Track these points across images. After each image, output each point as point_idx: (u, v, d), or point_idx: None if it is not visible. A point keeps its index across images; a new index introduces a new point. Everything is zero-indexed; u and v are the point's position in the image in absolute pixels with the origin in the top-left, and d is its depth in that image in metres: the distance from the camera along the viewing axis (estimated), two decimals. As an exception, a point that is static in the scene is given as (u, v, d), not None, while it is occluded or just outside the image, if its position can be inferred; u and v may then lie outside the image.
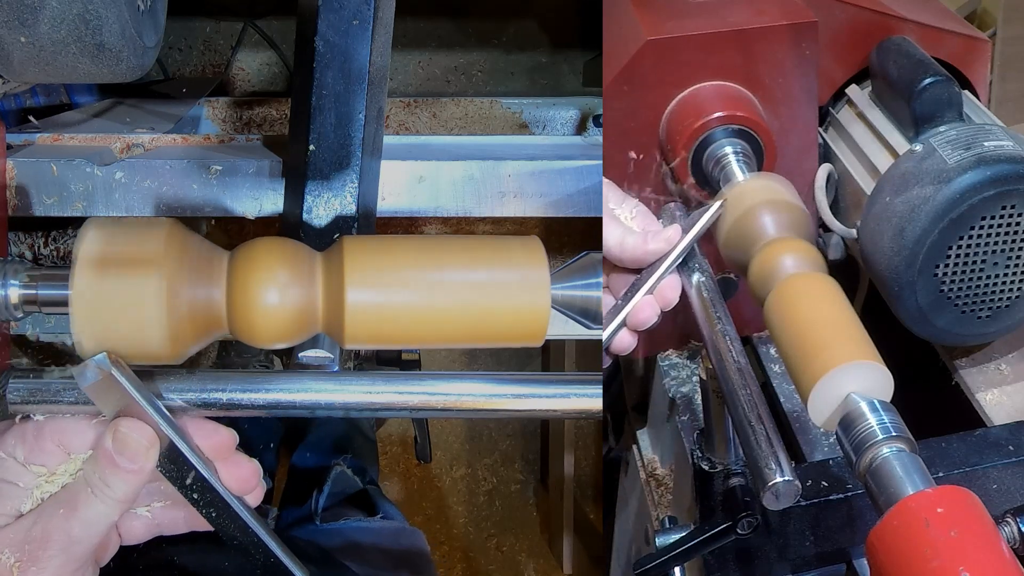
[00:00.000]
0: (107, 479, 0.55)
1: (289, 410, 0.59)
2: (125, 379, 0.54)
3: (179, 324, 0.54)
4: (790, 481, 0.57)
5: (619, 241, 0.68)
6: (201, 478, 0.57)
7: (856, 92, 0.94)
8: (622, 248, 0.68)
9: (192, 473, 0.57)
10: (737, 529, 0.72)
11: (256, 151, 0.85)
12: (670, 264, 0.69)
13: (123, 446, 0.55)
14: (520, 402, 0.60)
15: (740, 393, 0.63)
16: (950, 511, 0.51)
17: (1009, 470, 0.76)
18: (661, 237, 0.69)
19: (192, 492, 0.58)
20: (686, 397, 0.98)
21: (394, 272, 0.57)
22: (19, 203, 0.77)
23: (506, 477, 1.91)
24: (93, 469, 0.56)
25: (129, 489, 0.56)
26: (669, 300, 0.68)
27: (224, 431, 0.59)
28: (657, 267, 0.69)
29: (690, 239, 0.70)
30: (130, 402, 0.55)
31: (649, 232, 0.69)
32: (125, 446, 0.55)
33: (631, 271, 0.70)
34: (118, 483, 0.56)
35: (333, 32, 0.71)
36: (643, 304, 0.68)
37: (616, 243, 0.68)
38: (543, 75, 1.59)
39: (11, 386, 0.56)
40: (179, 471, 0.57)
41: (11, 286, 0.56)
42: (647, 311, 0.68)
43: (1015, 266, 0.80)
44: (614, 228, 0.69)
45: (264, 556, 0.60)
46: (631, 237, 0.68)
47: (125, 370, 0.55)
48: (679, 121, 0.86)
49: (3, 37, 0.66)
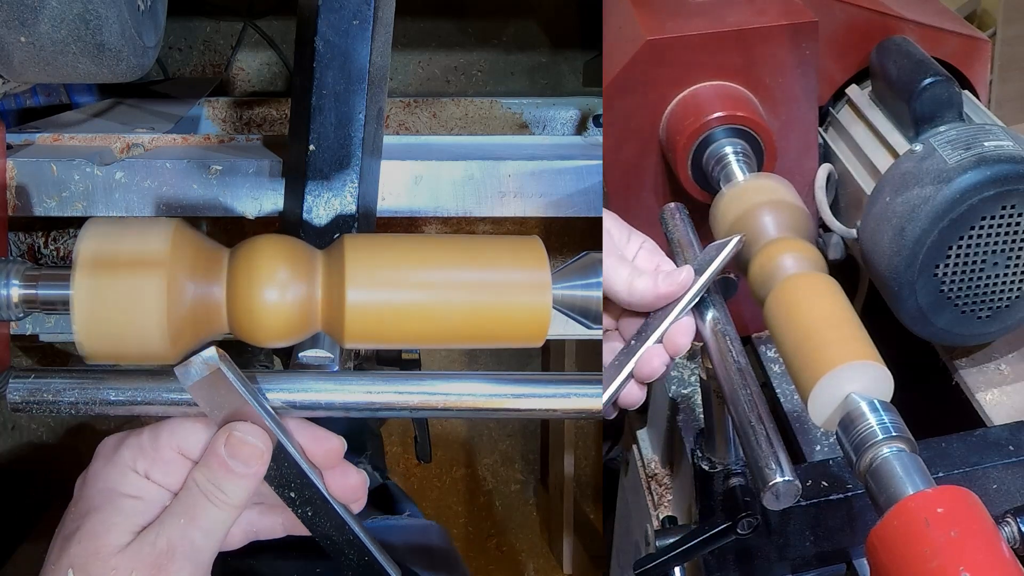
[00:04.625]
0: (222, 485, 0.55)
1: (289, 410, 0.59)
2: (232, 374, 0.54)
3: (179, 322, 0.54)
4: (790, 481, 0.57)
5: (627, 284, 0.62)
6: (308, 484, 0.57)
7: (856, 92, 0.94)
8: (631, 292, 0.62)
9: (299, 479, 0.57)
10: (737, 529, 0.72)
11: (256, 151, 0.85)
12: (682, 310, 0.63)
13: (236, 450, 0.54)
14: (520, 402, 0.60)
15: (740, 393, 0.62)
16: (950, 511, 0.51)
17: (1009, 470, 0.76)
18: (674, 280, 0.62)
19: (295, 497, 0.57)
20: (686, 397, 0.98)
21: (395, 271, 0.57)
22: (19, 203, 0.77)
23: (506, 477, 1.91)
24: (206, 476, 0.55)
25: (244, 494, 0.55)
26: (681, 347, 0.63)
27: (335, 438, 0.59)
28: (668, 312, 0.63)
29: (705, 280, 0.64)
30: (239, 403, 0.54)
31: (660, 274, 0.63)
32: (238, 450, 0.54)
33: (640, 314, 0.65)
34: (233, 488, 0.55)
35: (333, 32, 0.71)
36: (651, 353, 0.62)
37: (624, 286, 0.62)
38: (543, 75, 1.59)
39: (11, 386, 0.56)
40: (283, 475, 0.57)
41: (11, 286, 0.56)
42: (655, 362, 0.62)
43: (1015, 266, 0.80)
44: (621, 269, 0.63)
45: (361, 559, 0.60)
46: (640, 280, 0.62)
47: (233, 366, 0.54)
48: (679, 121, 0.86)
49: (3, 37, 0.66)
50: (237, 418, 0.55)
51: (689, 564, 0.79)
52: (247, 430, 0.55)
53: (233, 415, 0.55)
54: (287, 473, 0.57)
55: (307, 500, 0.58)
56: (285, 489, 0.57)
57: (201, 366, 0.53)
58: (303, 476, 0.57)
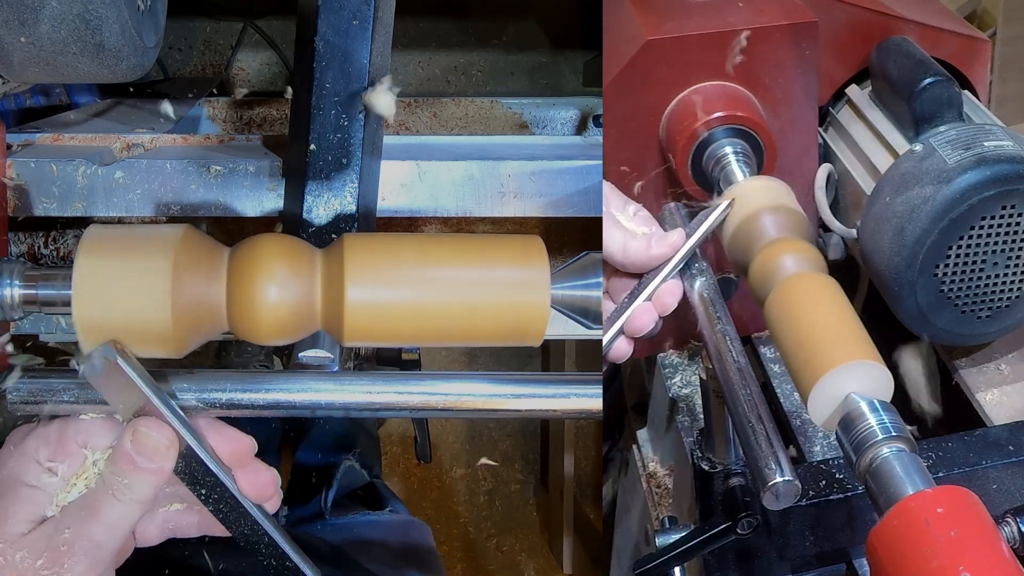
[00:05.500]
0: (127, 480, 0.55)
1: (289, 410, 0.59)
2: (132, 370, 0.54)
3: (180, 322, 0.54)
4: (790, 481, 0.57)
5: (621, 245, 0.67)
6: (218, 483, 0.57)
7: (856, 92, 0.94)
8: (625, 253, 0.67)
9: (209, 477, 0.57)
10: (737, 529, 0.72)
11: (256, 151, 0.85)
12: (672, 269, 0.68)
13: (142, 446, 0.55)
14: (520, 402, 0.60)
15: (740, 393, 0.63)
16: (950, 511, 0.51)
17: (1009, 470, 0.76)
18: (665, 242, 0.68)
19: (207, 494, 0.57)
20: (686, 397, 0.98)
21: (394, 270, 0.57)
22: (19, 203, 0.77)
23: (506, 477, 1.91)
24: (112, 471, 0.55)
25: (149, 490, 0.56)
26: (668, 306, 0.68)
27: (245, 438, 0.59)
28: (658, 272, 0.68)
29: (693, 243, 0.69)
30: (144, 400, 0.55)
31: (653, 236, 0.68)
32: (144, 446, 0.55)
33: (631, 275, 0.69)
34: (138, 484, 0.55)
35: (333, 32, 0.71)
36: (641, 311, 0.67)
37: (619, 248, 0.67)
38: (543, 75, 1.59)
39: (11, 386, 0.56)
40: (193, 473, 0.57)
41: (11, 286, 0.56)
42: (644, 318, 0.67)
43: (1015, 266, 0.80)
44: (616, 232, 0.68)
45: (277, 559, 0.60)
46: (634, 241, 0.67)
47: (132, 361, 0.54)
48: (679, 121, 0.86)
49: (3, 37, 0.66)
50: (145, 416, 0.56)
51: (689, 564, 0.79)
52: (152, 426, 0.55)
53: (139, 413, 0.55)
54: (196, 471, 0.57)
55: (219, 498, 0.58)
56: (197, 486, 0.57)
57: (100, 359, 0.53)
58: (211, 474, 0.57)
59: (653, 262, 0.68)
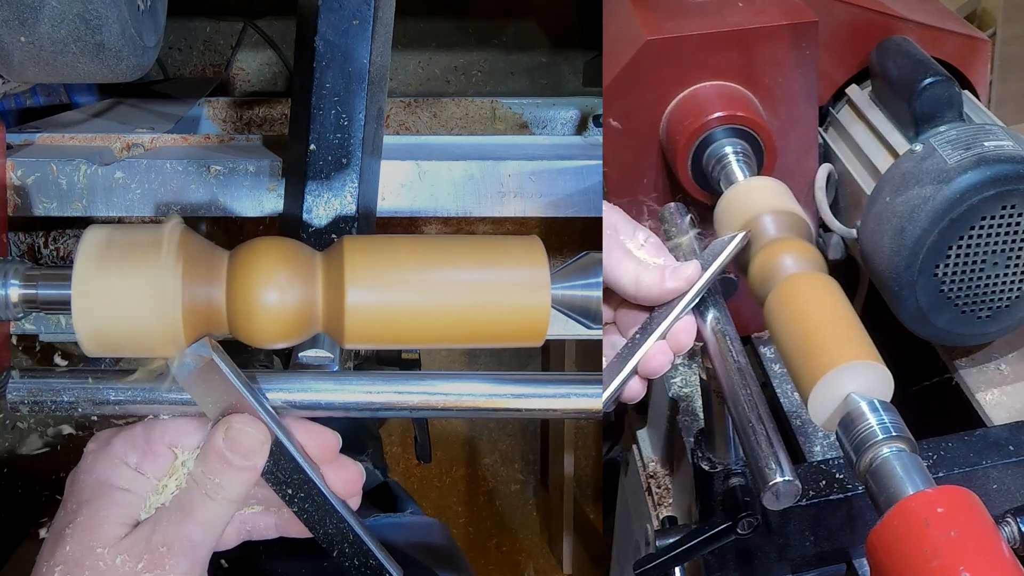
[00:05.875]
0: (219, 480, 0.55)
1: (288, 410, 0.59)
2: (227, 367, 0.53)
3: (179, 323, 0.54)
4: (790, 481, 0.57)
5: (634, 278, 0.63)
6: (306, 480, 0.56)
7: (856, 92, 0.94)
8: (637, 286, 0.63)
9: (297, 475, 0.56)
10: (737, 529, 0.72)
11: (256, 151, 0.85)
12: (687, 305, 0.64)
13: (236, 443, 0.54)
14: (520, 402, 0.60)
15: (740, 393, 0.62)
16: (950, 511, 0.51)
17: (1009, 470, 0.76)
18: (680, 275, 0.63)
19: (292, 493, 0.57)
20: (686, 397, 0.98)
21: (394, 272, 0.57)
22: (19, 203, 0.77)
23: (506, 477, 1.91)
24: (203, 470, 0.55)
25: (242, 488, 0.55)
26: (683, 344, 0.63)
27: (330, 433, 0.58)
28: (672, 307, 0.63)
29: (709, 277, 0.65)
30: (236, 397, 0.54)
31: (667, 269, 0.63)
32: (238, 443, 0.54)
33: (641, 308, 0.65)
34: (231, 482, 0.55)
35: (333, 32, 0.71)
36: (656, 350, 0.62)
37: (630, 280, 0.63)
38: (543, 75, 1.59)
39: (11, 386, 0.56)
40: (280, 472, 0.56)
41: (11, 286, 0.56)
42: (660, 358, 0.62)
43: (1015, 266, 0.80)
44: (628, 263, 0.63)
45: (360, 557, 0.59)
46: (647, 274, 0.63)
47: (226, 358, 0.54)
48: (679, 121, 0.86)
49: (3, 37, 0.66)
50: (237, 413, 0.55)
51: (689, 564, 0.79)
52: (245, 422, 0.55)
53: (229, 411, 0.55)
54: (284, 469, 0.57)
55: (305, 496, 0.57)
56: (283, 486, 0.57)
57: (194, 357, 0.53)
58: (301, 472, 0.57)
59: (667, 296, 0.63)
